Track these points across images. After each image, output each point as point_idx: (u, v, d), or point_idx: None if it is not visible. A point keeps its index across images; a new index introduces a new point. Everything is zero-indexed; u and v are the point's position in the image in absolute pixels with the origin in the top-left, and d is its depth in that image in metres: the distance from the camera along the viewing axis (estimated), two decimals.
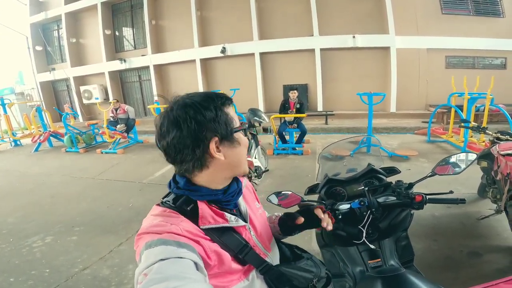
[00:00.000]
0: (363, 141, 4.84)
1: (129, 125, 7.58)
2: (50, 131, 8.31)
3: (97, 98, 12.75)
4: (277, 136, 5.98)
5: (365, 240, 1.07)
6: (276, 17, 10.70)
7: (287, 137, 6.10)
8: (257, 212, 0.84)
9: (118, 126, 7.38)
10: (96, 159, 6.60)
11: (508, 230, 2.19)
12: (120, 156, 6.72)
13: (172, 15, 11.90)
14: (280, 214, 0.95)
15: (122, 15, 12.95)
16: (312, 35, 10.02)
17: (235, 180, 0.75)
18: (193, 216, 0.66)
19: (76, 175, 5.36)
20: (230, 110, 0.69)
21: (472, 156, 1.11)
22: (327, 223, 0.81)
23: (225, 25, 11.19)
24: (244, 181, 0.87)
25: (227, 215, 0.70)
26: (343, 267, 1.25)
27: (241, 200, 0.79)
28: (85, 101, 13.37)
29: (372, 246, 1.09)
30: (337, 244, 1.28)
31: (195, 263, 0.54)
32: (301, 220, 0.81)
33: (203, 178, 0.68)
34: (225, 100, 0.68)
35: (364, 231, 1.07)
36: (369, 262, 1.16)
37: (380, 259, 1.16)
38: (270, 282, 0.73)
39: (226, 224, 0.68)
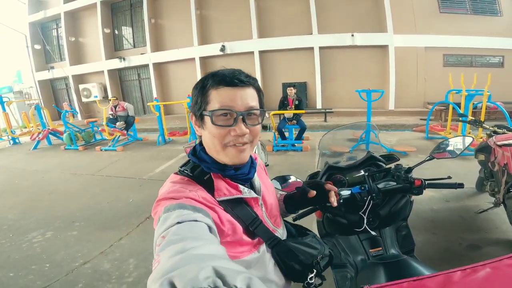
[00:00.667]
0: (361, 138, 4.85)
1: (129, 122, 7.58)
2: (49, 129, 8.30)
3: (96, 96, 12.71)
4: (276, 133, 5.99)
5: (366, 227, 1.08)
6: (275, 16, 10.73)
7: (286, 134, 6.12)
8: (270, 189, 0.86)
9: (117, 123, 7.38)
10: (96, 156, 6.59)
11: (506, 222, 2.20)
12: (120, 153, 6.72)
13: (172, 13, 11.90)
14: (285, 193, 0.97)
15: (122, 13, 12.93)
16: (311, 34, 10.05)
17: (250, 163, 0.76)
18: (209, 186, 0.69)
19: (75, 172, 5.36)
20: (218, 92, 0.66)
21: (469, 140, 1.12)
22: (334, 199, 0.84)
23: (224, 24, 11.21)
24: (259, 160, 0.89)
25: (241, 187, 0.72)
26: (344, 256, 1.26)
27: (256, 176, 0.81)
28: (84, 100, 13.35)
29: (373, 233, 1.10)
30: (338, 233, 1.28)
31: (209, 227, 0.56)
32: (313, 193, 0.84)
33: (205, 145, 0.74)
34: (218, 81, 0.66)
35: (365, 218, 1.08)
36: (370, 251, 1.16)
37: (381, 248, 1.16)
38: (277, 256, 0.75)
39: (240, 195, 0.71)
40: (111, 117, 7.54)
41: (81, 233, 3.00)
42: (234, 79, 0.65)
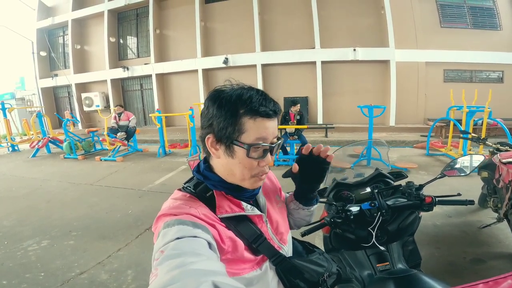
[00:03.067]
0: (363, 154, 4.86)
1: (130, 132, 7.57)
2: (49, 137, 8.30)
3: (98, 106, 12.79)
4: None
5: (375, 242, 1.07)
6: (278, 29, 10.92)
7: (288, 149, 6.11)
8: (276, 206, 0.84)
9: (118, 134, 7.36)
10: (95, 166, 6.56)
11: (510, 237, 2.20)
12: (119, 164, 6.68)
13: (177, 25, 12.13)
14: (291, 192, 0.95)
15: (128, 23, 13.18)
16: (314, 48, 10.19)
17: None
18: (211, 203, 0.68)
19: (74, 181, 5.31)
20: (255, 123, 0.63)
21: (480, 157, 1.13)
22: (321, 148, 0.77)
23: (228, 36, 11.40)
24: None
25: (244, 204, 0.71)
26: (350, 272, 1.24)
27: (260, 192, 0.80)
28: (85, 108, 13.39)
29: (382, 248, 1.08)
30: (345, 248, 1.26)
31: (209, 243, 0.56)
32: (296, 167, 0.78)
33: (215, 165, 0.72)
34: (254, 110, 0.62)
35: (374, 233, 1.06)
36: (377, 265, 1.15)
37: (388, 263, 1.15)
38: (281, 273, 0.73)
39: (242, 213, 0.70)
40: (113, 125, 7.54)
41: (78, 243, 2.94)
42: (269, 110, 0.64)
